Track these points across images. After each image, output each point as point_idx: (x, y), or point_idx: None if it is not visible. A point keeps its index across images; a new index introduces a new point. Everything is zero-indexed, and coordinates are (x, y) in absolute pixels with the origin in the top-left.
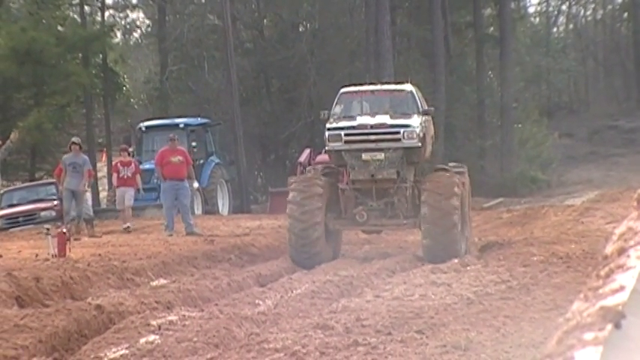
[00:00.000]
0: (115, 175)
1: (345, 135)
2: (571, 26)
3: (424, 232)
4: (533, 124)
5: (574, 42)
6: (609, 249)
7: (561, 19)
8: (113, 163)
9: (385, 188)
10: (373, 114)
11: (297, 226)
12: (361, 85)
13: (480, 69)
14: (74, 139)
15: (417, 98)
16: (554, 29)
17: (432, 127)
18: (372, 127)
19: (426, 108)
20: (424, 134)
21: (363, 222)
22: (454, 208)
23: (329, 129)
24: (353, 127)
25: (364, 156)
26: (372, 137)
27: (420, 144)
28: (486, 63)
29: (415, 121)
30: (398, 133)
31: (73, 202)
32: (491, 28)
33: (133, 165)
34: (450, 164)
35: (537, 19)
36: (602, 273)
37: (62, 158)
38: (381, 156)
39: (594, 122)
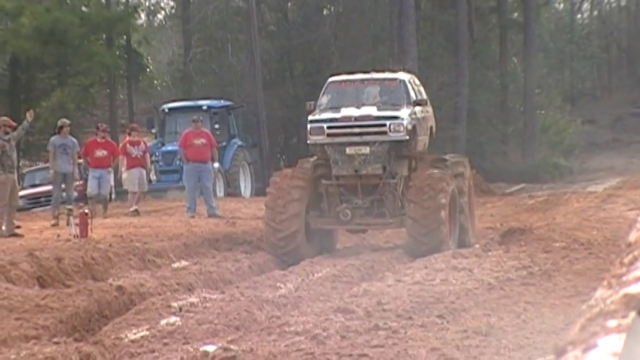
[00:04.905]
0: (125, 157)
1: (328, 128)
2: (595, 13)
3: (408, 230)
4: (556, 111)
5: (598, 28)
6: (633, 236)
7: (585, 5)
8: (121, 143)
9: (371, 184)
10: (359, 105)
11: (274, 234)
12: (352, 73)
13: (504, 54)
14: (64, 120)
15: (409, 88)
16: (579, 16)
17: (429, 117)
18: (356, 119)
19: (420, 98)
20: (414, 126)
21: (347, 221)
22: (441, 206)
23: (311, 121)
24: (336, 120)
25: (348, 150)
26: (357, 130)
27: (407, 137)
28: (510, 48)
29: (404, 112)
30: (384, 125)
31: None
32: (516, 14)
33: (142, 144)
34: (448, 155)
35: (562, 5)
36: (626, 260)
37: (50, 140)
38: (366, 150)
39: (617, 109)
